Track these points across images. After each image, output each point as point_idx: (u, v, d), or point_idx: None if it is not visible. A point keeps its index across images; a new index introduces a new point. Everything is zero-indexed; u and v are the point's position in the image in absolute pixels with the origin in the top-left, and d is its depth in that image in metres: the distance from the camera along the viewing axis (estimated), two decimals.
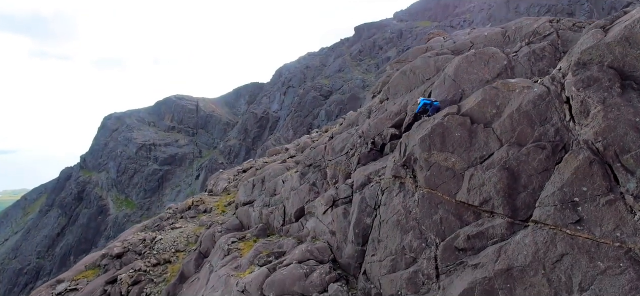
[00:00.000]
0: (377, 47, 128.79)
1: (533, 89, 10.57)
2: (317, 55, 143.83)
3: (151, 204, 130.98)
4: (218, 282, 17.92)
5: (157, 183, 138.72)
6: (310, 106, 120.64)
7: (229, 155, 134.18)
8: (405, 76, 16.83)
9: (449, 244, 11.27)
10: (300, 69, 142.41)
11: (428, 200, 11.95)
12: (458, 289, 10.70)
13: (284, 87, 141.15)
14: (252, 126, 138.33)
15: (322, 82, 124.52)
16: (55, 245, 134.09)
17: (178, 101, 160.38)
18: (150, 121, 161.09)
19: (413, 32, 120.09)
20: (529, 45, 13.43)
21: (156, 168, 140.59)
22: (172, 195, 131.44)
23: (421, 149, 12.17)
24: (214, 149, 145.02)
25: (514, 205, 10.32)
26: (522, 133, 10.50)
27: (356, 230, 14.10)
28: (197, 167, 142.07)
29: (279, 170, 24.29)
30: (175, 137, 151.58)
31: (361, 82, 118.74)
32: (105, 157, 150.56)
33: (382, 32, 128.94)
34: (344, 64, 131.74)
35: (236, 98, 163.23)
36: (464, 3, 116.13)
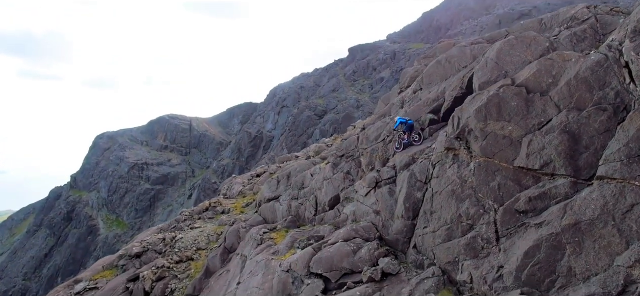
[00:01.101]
0: (370, 68, 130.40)
1: (590, 57, 11.21)
2: (311, 76, 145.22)
3: (142, 224, 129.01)
4: (256, 267, 18.02)
5: (149, 202, 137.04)
6: (304, 125, 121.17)
7: (222, 175, 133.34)
8: (441, 65, 17.46)
9: (509, 208, 11.70)
10: (295, 89, 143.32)
11: (484, 169, 12.42)
12: (521, 248, 11.08)
13: (278, 106, 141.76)
14: (246, 145, 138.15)
15: (317, 102, 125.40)
16: (43, 267, 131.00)
17: (171, 120, 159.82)
18: (142, 140, 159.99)
19: (406, 53, 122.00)
20: (568, 29, 14.17)
21: (148, 187, 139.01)
22: (163, 215, 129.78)
23: (477, 120, 12.68)
24: (206, 169, 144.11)
25: (577, 166, 10.82)
26: (581, 99, 11.08)
27: (406, 204, 14.45)
28: (190, 186, 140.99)
29: (304, 165, 24.61)
30: (167, 156, 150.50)
31: (355, 101, 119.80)
32: (97, 176, 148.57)
33: (376, 54, 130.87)
34: (338, 84, 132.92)
35: (229, 118, 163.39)
36: (456, 25, 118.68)
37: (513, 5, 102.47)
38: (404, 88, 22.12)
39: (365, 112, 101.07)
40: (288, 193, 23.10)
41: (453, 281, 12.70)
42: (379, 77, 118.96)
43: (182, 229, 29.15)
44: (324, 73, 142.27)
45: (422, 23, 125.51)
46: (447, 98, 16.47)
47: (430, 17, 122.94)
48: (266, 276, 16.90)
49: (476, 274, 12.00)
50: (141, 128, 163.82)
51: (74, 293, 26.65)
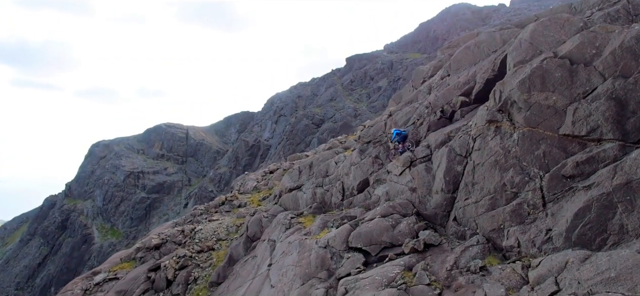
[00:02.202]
0: (368, 77, 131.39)
1: (633, 28, 11.72)
2: (308, 85, 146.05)
3: (137, 233, 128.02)
4: (289, 247, 18.21)
5: (144, 211, 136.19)
6: (302, 134, 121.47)
7: (218, 183, 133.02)
8: (469, 50, 17.96)
9: (556, 173, 12.09)
10: (292, 98, 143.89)
11: (528, 138, 12.83)
12: (570, 210, 11.46)
13: (276, 115, 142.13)
14: (243, 154, 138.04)
15: (314, 111, 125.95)
16: (36, 276, 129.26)
17: (168, 129, 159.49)
18: (138, 148, 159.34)
19: (403, 63, 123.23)
20: (601, 10, 14.73)
21: (144, 196, 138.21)
22: (159, 223, 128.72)
23: (520, 91, 13.11)
24: (203, 177, 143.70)
25: (624, 130, 11.26)
26: (626, 66, 11.55)
27: (446, 178, 14.81)
28: (186, 195, 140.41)
29: (327, 155, 24.92)
30: (164, 164, 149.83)
31: (353, 110, 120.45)
32: (92, 185, 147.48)
33: (373, 63, 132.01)
34: (335, 93, 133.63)
35: (226, 127, 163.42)
36: (452, 36, 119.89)
37: (509, 16, 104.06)
38: (427, 78, 22.61)
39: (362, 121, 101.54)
40: (311, 182, 23.36)
41: (498, 247, 13.02)
42: (376, 86, 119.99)
43: (199, 222, 29.23)
44: (322, 82, 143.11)
45: (419, 33, 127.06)
46: (479, 81, 16.93)
47: (427, 27, 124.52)
48: (302, 254, 17.10)
49: (523, 238, 12.34)
50: (137, 136, 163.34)
51: (94, 284, 26.57)
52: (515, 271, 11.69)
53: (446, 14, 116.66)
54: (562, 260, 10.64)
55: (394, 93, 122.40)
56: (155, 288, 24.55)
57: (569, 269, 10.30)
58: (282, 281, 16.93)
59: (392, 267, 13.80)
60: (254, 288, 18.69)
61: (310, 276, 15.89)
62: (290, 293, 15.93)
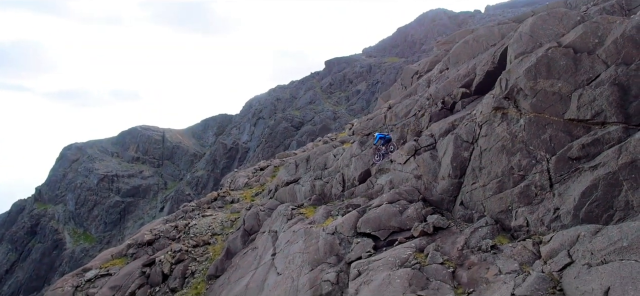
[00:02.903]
0: (347, 80, 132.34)
1: (634, 18, 12.50)
2: (287, 88, 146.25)
3: (111, 237, 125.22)
4: (294, 236, 18.41)
5: (119, 215, 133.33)
6: (281, 136, 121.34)
7: (196, 186, 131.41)
8: (468, 45, 18.62)
9: (562, 156, 12.74)
10: (271, 101, 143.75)
11: (535, 123, 13.46)
12: (577, 190, 12.11)
13: (254, 117, 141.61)
14: (221, 157, 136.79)
15: (293, 113, 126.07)
16: (3, 283, 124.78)
17: (143, 131, 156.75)
18: (113, 151, 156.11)
19: (381, 67, 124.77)
20: (596, 5, 15.57)
21: (118, 200, 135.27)
22: (134, 227, 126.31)
23: (526, 79, 13.75)
24: (180, 181, 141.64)
25: (627, 113, 11.99)
26: (628, 54, 12.31)
27: (453, 163, 15.33)
28: (162, 198, 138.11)
29: (324, 148, 25.21)
30: (139, 167, 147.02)
31: (332, 113, 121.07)
32: (63, 189, 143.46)
33: (352, 66, 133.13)
34: (314, 96, 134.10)
35: (204, 129, 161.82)
36: (429, 40, 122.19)
37: (484, 21, 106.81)
38: (423, 73, 23.22)
39: (341, 124, 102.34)
40: (309, 175, 23.60)
41: (506, 228, 13.59)
42: (355, 90, 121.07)
43: (192, 218, 29.02)
44: (300, 85, 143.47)
45: (397, 37, 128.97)
46: (479, 73, 17.58)
47: (404, 32, 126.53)
48: (308, 241, 17.33)
49: (531, 218, 12.93)
50: (111, 139, 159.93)
51: (85, 281, 26.06)
52: (526, 248, 12.24)
53: (424, 19, 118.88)
54: (574, 234, 11.25)
55: (373, 96, 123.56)
56: (150, 282, 24.29)
57: (581, 242, 10.90)
58: (289, 268, 17.10)
59: (403, 249, 14.19)
60: (258, 277, 18.78)
61: (319, 262, 16.14)
62: (299, 279, 16.13)
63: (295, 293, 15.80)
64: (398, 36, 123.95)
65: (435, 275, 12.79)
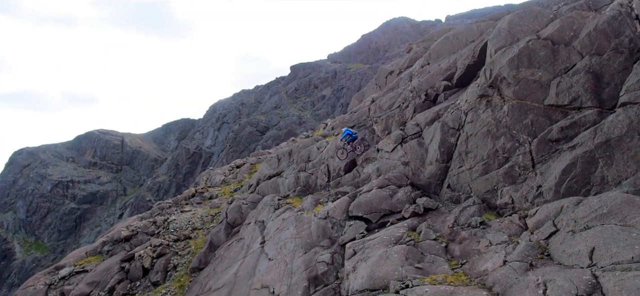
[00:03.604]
0: (312, 85, 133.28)
1: (605, 13, 13.83)
2: (252, 92, 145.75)
3: (65, 247, 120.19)
4: (284, 223, 18.81)
5: (74, 223, 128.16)
6: (246, 141, 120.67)
7: (157, 192, 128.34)
8: (448, 41, 19.74)
9: (543, 138, 13.88)
10: (235, 105, 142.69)
11: (517, 109, 14.57)
12: (558, 168, 13.25)
13: (218, 122, 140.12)
14: (184, 162, 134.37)
15: (258, 118, 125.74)
16: None
17: (101, 135, 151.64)
18: (68, 156, 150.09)
19: (346, 72, 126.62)
20: (566, 5, 16.99)
21: (73, 207, 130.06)
22: (90, 235, 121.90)
23: (509, 68, 14.87)
24: (140, 186, 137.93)
25: (601, 98, 13.24)
26: (600, 45, 13.62)
27: (441, 149, 16.24)
28: (121, 205, 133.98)
29: (307, 142, 25.72)
30: (96, 173, 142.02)
31: (297, 118, 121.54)
32: (13, 196, 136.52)
33: (317, 72, 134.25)
34: (280, 101, 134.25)
35: (165, 134, 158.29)
36: (393, 48, 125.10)
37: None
38: (403, 69, 24.24)
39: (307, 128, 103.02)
40: (292, 168, 24.04)
41: (492, 206, 14.58)
42: (321, 95, 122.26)
43: (170, 214, 28.75)
44: (266, 90, 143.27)
45: (361, 44, 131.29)
46: (459, 67, 18.68)
47: (368, 39, 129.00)
48: (300, 227, 17.77)
49: (516, 195, 13.98)
50: (67, 143, 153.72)
51: (59, 278, 25.31)
52: (513, 222, 13.24)
53: (387, 27, 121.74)
54: (557, 206, 12.32)
55: (338, 101, 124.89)
56: (130, 277, 23.93)
57: (565, 212, 11.98)
58: (281, 253, 17.47)
59: (396, 229, 14.91)
60: (247, 265, 19.02)
61: (313, 245, 16.62)
62: (293, 262, 16.55)
63: (290, 275, 16.20)
64: (362, 43, 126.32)
65: (429, 249, 13.58)
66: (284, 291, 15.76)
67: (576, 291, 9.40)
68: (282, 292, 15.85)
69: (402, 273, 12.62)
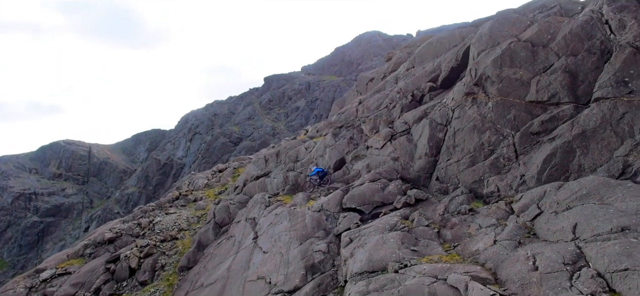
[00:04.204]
0: (286, 97, 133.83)
1: (579, 18, 15.23)
2: (225, 103, 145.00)
3: (27, 261, 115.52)
4: (277, 218, 19.34)
5: (36, 237, 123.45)
6: (219, 152, 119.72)
7: (126, 204, 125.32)
8: (432, 46, 20.96)
9: (525, 131, 15.06)
10: (208, 116, 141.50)
11: (501, 105, 15.73)
12: (539, 158, 14.42)
13: (190, 133, 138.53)
14: (154, 173, 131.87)
15: (232, 129, 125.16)
16: None
17: (67, 146, 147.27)
18: (31, 168, 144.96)
19: (320, 84, 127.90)
20: (541, 13, 18.45)
21: (36, 220, 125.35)
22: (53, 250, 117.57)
23: (493, 68, 16.06)
24: (107, 198, 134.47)
25: (576, 95, 14.54)
26: (575, 47, 14.96)
27: (430, 143, 17.24)
28: (87, 218, 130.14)
29: (294, 143, 26.33)
30: (61, 185, 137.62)
31: (271, 129, 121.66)
32: None
33: (291, 83, 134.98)
34: (253, 112, 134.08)
35: (135, 145, 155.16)
36: (366, 61, 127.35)
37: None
38: (387, 74, 25.34)
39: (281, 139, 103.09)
40: (280, 168, 24.60)
41: (479, 195, 15.62)
42: (294, 106, 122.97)
43: (154, 216, 28.68)
44: (239, 100, 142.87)
45: (335, 57, 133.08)
46: (444, 69, 19.86)
47: (342, 51, 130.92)
48: (294, 221, 18.34)
49: (501, 184, 15.06)
50: (30, 154, 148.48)
51: (40, 281, 24.85)
52: (500, 208, 14.27)
53: (360, 40, 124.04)
54: (541, 190, 13.43)
55: (312, 113, 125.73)
56: (116, 278, 23.81)
57: (548, 196, 13.08)
58: (276, 246, 17.97)
59: (390, 218, 15.73)
60: (241, 259, 19.39)
61: (308, 237, 17.22)
62: (289, 253, 17.08)
63: (286, 265, 16.72)
64: (336, 55, 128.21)
65: (423, 234, 14.45)
66: (281, 281, 16.26)
67: (563, 260, 10.40)
68: (279, 281, 16.35)
69: (399, 255, 13.40)
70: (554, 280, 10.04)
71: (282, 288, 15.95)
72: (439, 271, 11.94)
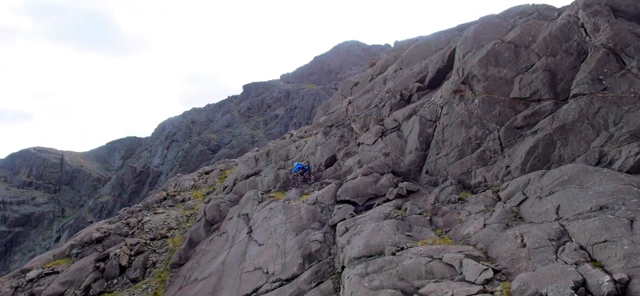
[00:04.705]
0: (265, 105, 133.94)
1: (557, 21, 16.48)
2: (203, 110, 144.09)
3: None
4: (271, 213, 19.92)
5: (4, 247, 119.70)
6: (196, 159, 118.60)
7: (99, 213, 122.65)
8: (419, 48, 22.07)
9: (509, 126, 16.15)
10: (186, 123, 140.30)
11: (487, 102, 16.81)
12: (523, 150, 15.51)
13: (167, 140, 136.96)
14: (130, 181, 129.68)
15: (210, 136, 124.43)
16: None
17: (38, 153, 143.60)
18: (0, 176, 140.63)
19: (299, 93, 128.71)
20: (521, 18, 19.76)
21: (4, 230, 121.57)
22: (22, 261, 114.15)
23: (479, 67, 17.15)
24: (80, 207, 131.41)
25: (556, 91, 15.72)
26: (554, 48, 16.18)
27: (420, 138, 18.18)
28: (58, 227, 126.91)
29: (284, 143, 26.98)
30: (31, 193, 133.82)
31: (250, 137, 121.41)
32: None
33: (270, 91, 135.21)
34: (232, 120, 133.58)
35: (110, 152, 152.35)
36: (345, 70, 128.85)
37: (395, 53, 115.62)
38: (374, 76, 26.33)
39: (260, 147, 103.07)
40: (271, 167, 25.18)
41: (467, 186, 16.61)
42: (274, 114, 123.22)
43: (142, 216, 28.76)
44: (217, 108, 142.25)
45: (314, 65, 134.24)
46: (431, 70, 20.94)
47: (321, 60, 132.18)
48: (289, 214, 18.95)
49: (488, 175, 16.08)
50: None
51: (27, 281, 24.60)
52: (487, 196, 15.26)
53: (339, 50, 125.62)
54: (525, 179, 14.48)
55: (291, 121, 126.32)
56: (106, 276, 23.84)
57: (532, 183, 14.13)
58: (272, 238, 18.52)
59: (383, 208, 16.53)
60: (236, 252, 19.84)
61: (303, 228, 17.85)
62: (285, 244, 17.66)
63: (283, 255, 17.29)
64: (315, 64, 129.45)
65: (416, 222, 15.29)
66: (279, 270, 16.83)
67: (548, 236, 11.38)
68: (276, 270, 16.91)
69: (395, 239, 14.19)
70: (540, 254, 10.99)
71: (280, 276, 16.52)
72: (434, 252, 12.77)
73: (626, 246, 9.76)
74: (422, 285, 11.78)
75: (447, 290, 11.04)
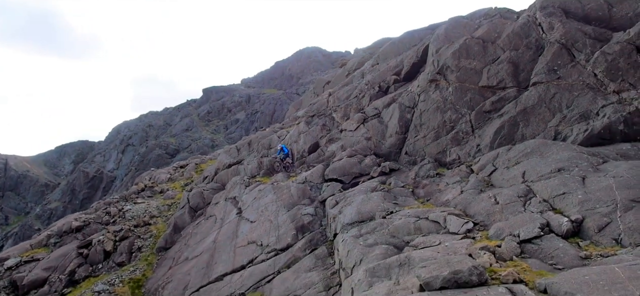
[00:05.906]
0: (225, 109, 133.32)
1: (519, 20, 18.99)
2: (160, 114, 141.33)
3: None
4: (260, 193, 21.24)
5: None
6: (154, 164, 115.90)
7: (48, 220, 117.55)
8: (394, 45, 24.20)
9: (479, 110, 18.40)
10: (142, 127, 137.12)
11: (459, 90, 19.03)
12: (491, 131, 17.78)
13: (122, 144, 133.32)
14: (81, 186, 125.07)
15: (168, 140, 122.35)
16: None
17: None
18: None
19: (260, 97, 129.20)
20: (485, 19, 22.30)
21: None
22: None
23: (452, 59, 19.38)
24: (26, 214, 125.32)
25: (518, 80, 18.14)
26: (516, 43, 18.65)
27: (400, 123, 20.15)
28: (1, 236, 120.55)
29: (266, 133, 28.23)
30: None
31: (210, 141, 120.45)
32: None
33: (231, 96, 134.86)
34: (191, 123, 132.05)
35: (59, 157, 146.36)
36: (306, 75, 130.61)
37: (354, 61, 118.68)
38: (351, 71, 28.25)
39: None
40: (253, 155, 26.42)
41: (443, 163, 18.69)
42: (234, 119, 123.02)
43: (123, 206, 29.07)
44: (176, 112, 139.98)
45: (275, 71, 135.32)
46: (406, 65, 23.07)
47: (282, 66, 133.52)
48: (279, 193, 20.33)
49: (461, 153, 18.22)
50: None
51: (5, 268, 24.45)
52: (461, 170, 17.37)
53: (300, 55, 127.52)
54: (494, 153, 16.70)
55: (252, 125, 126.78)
56: (90, 261, 24.14)
57: (500, 156, 16.36)
58: (264, 215, 19.83)
59: (369, 183, 18.31)
60: (227, 231, 20.95)
61: (295, 204, 19.29)
62: (278, 219, 19.04)
63: (276, 229, 18.66)
64: (276, 69, 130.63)
65: (400, 193, 17.16)
66: (273, 241, 18.18)
67: (517, 194, 13.52)
68: (271, 242, 18.24)
69: (384, 206, 15.96)
70: (511, 207, 13.08)
71: (275, 247, 17.87)
72: (421, 213, 14.65)
73: (580, 196, 11.99)
74: (412, 239, 13.57)
75: (435, 240, 12.89)
